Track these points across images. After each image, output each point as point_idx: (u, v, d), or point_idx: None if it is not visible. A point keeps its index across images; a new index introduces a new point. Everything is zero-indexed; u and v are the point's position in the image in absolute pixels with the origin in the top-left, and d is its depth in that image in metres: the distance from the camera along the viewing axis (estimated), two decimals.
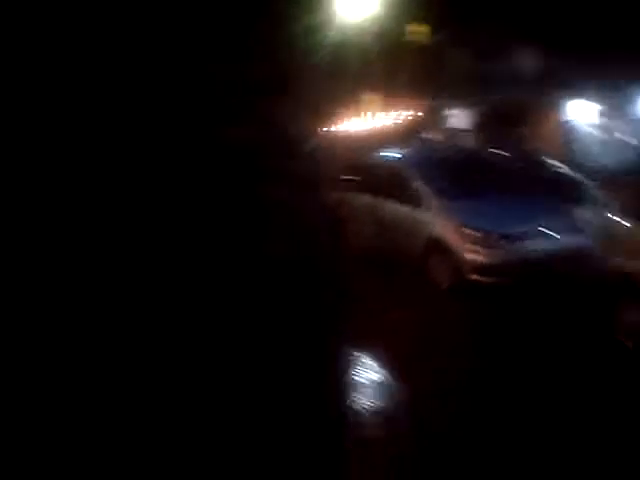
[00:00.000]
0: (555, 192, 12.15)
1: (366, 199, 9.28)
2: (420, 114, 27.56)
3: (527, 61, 24.07)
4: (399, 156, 9.66)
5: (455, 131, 27.86)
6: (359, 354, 5.77)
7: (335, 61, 26.31)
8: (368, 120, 26.69)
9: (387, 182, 8.98)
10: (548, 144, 21.57)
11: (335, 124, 28.17)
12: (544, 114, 22.99)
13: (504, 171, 10.36)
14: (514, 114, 24.02)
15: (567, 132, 22.54)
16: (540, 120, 23.18)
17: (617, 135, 20.60)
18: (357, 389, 5.08)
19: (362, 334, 6.10)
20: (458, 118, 28.62)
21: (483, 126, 26.03)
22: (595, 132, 21.81)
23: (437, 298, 7.55)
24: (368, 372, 5.47)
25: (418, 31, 28.29)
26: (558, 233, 7.53)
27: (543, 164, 17.36)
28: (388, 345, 6.02)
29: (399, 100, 27.40)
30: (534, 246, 7.35)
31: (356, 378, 5.32)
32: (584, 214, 7.45)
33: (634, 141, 19.37)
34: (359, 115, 27.51)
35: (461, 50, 26.53)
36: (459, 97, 26.95)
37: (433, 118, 28.50)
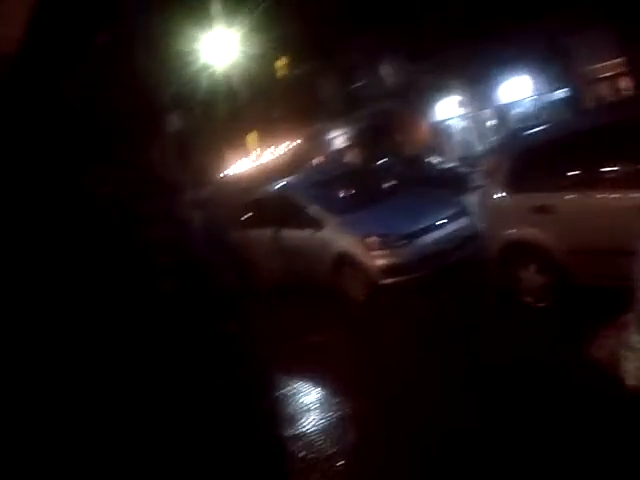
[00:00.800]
0: (441, 186, 12.90)
1: (268, 233, 9.47)
2: (301, 142, 28.27)
3: (392, 73, 25.37)
4: (291, 185, 9.93)
5: (338, 151, 28.78)
6: (286, 380, 5.87)
7: (214, 107, 26.51)
8: (257, 157, 27.02)
9: (283, 212, 9.21)
10: (425, 144, 22.73)
11: (228, 168, 28.38)
12: (416, 118, 24.18)
13: (389, 178, 10.91)
14: (389, 124, 25.16)
15: (441, 130, 23.81)
16: (413, 125, 24.35)
17: (485, 122, 21.98)
18: (289, 413, 5.16)
19: (286, 361, 6.22)
20: (339, 139, 29.60)
21: (363, 141, 27.09)
22: (465, 123, 23.16)
23: (356, 312, 7.79)
24: (299, 395, 5.57)
25: (284, 65, 29.17)
26: (450, 222, 8.03)
27: (425, 164, 18.34)
28: (315, 367, 6.17)
29: (282, 133, 28.01)
30: (431, 239, 7.77)
31: (286, 402, 5.42)
32: (471, 199, 8.08)
33: (498, 123, 20.73)
34: (248, 154, 27.86)
35: (330, 75, 27.59)
36: (336, 119, 27.90)
37: (316, 143, 29.33)
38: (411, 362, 5.50)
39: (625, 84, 17.16)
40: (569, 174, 5.46)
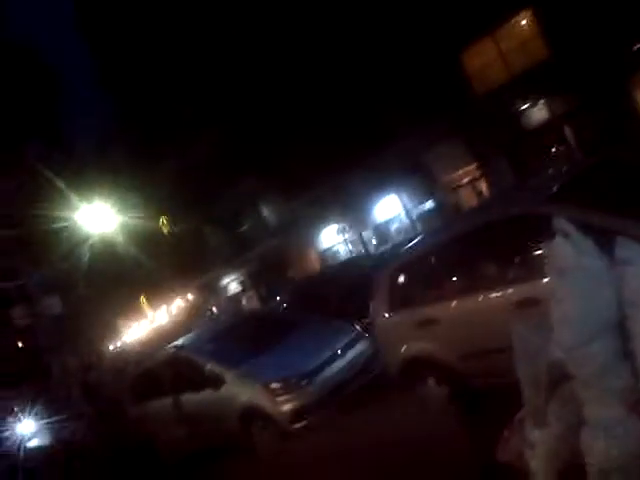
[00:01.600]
0: (333, 314, 12.92)
1: (167, 402, 8.93)
2: (194, 296, 27.98)
3: (273, 212, 26.18)
4: (184, 344, 9.58)
5: (233, 297, 28.64)
6: None
7: (101, 277, 25.75)
8: (152, 319, 26.30)
9: (180, 376, 8.79)
10: (315, 272, 23.12)
11: (123, 336, 27.28)
12: (303, 251, 24.74)
13: (284, 316, 10.83)
14: (278, 261, 25.56)
15: (328, 257, 24.41)
16: (301, 257, 24.87)
17: (368, 241, 22.78)
18: None
19: None
20: (232, 284, 29.57)
21: (256, 282, 27.20)
22: (350, 247, 23.88)
23: (270, 466, 7.33)
24: None
25: (167, 221, 29.38)
26: (349, 349, 7.95)
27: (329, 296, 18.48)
28: None
29: (175, 289, 27.63)
30: (333, 371, 7.62)
31: None
32: (360, 324, 8.19)
33: (379, 241, 21.56)
34: (140, 320, 27.03)
35: (214, 223, 28.03)
36: (226, 265, 28.03)
37: (210, 293, 29.09)
38: None
39: (482, 187, 18.67)
40: (445, 282, 5.63)
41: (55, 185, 18.56)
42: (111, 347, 24.68)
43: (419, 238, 7.17)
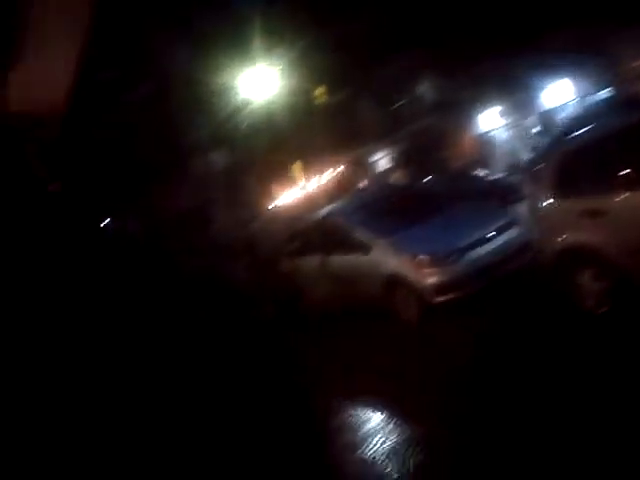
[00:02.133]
0: (489, 198, 12.67)
1: (316, 260, 9.48)
2: (345, 168, 28.40)
3: (431, 90, 25.31)
4: (336, 211, 9.93)
5: (383, 173, 28.73)
6: (346, 405, 5.79)
7: (257, 142, 26.97)
8: (303, 187, 27.25)
9: (330, 239, 9.21)
10: (470, 158, 22.46)
11: (275, 200, 28.72)
12: (459, 133, 23.95)
13: (436, 195, 10.76)
14: (432, 142, 25.00)
15: (485, 142, 23.50)
16: (457, 139, 24.13)
17: (530, 129, 21.60)
18: (351, 438, 5.08)
19: (344, 386, 6.13)
20: (383, 161, 29.58)
21: (407, 161, 26.96)
22: (510, 133, 22.80)
23: (411, 334, 7.66)
24: (361, 420, 5.48)
25: (323, 93, 29.50)
26: (501, 234, 7.85)
27: (471, 177, 18.08)
28: (373, 392, 6.08)
29: (326, 160, 28.20)
30: (482, 252, 7.60)
31: (348, 427, 5.34)
32: (521, 209, 7.93)
33: (543, 129, 20.30)
34: (294, 185, 28.12)
35: (369, 98, 27.73)
36: (378, 141, 27.93)
37: (360, 167, 29.39)
38: (475, 382, 5.34)
39: None
40: (618, 174, 5.25)
41: (221, 50, 19.12)
42: (267, 207, 26.15)
43: (591, 126, 6.67)
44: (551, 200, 5.89)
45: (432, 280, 7.51)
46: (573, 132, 6.48)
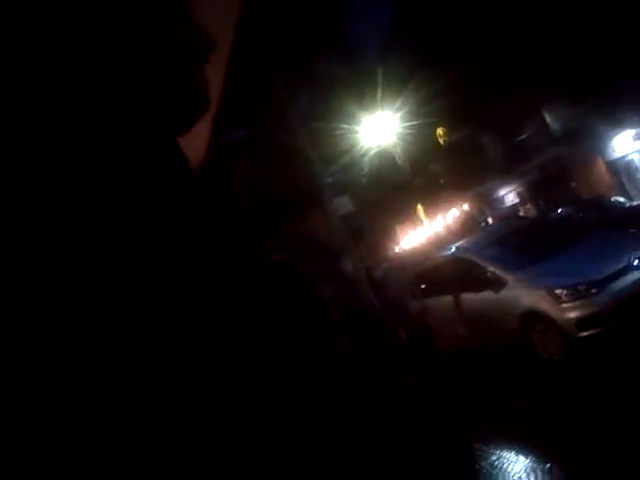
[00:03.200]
0: (631, 225, 11.86)
1: (446, 300, 9.28)
2: (470, 206, 27.84)
3: (557, 118, 24.41)
4: (465, 247, 9.74)
5: (510, 208, 27.82)
6: (490, 447, 5.52)
7: (382, 185, 27.32)
8: (428, 227, 27.03)
9: (460, 276, 9.01)
10: (605, 185, 21.23)
11: (401, 241, 28.73)
12: (589, 160, 22.77)
13: (570, 225, 10.26)
14: (560, 172, 23.94)
15: (621, 167, 22.14)
16: (587, 167, 22.95)
17: None
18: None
19: (485, 427, 5.86)
20: (509, 195, 28.69)
21: (535, 194, 25.96)
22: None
23: (556, 370, 7.23)
24: (507, 463, 5.20)
25: (444, 132, 29.43)
26: None
27: (608, 204, 17.02)
28: (517, 433, 5.76)
29: (451, 198, 27.89)
30: (628, 281, 7.09)
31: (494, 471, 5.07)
32: None
33: None
34: (419, 225, 28.02)
35: (492, 133, 27.24)
36: (503, 176, 27.22)
37: (486, 203, 28.68)
38: (616, 425, 4.92)
39: None
40: None
41: (342, 98, 19.74)
42: (392, 250, 26.20)
43: None
44: None
45: (574, 314, 7.09)
46: None
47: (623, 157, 22.13)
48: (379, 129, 23.10)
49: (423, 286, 10.32)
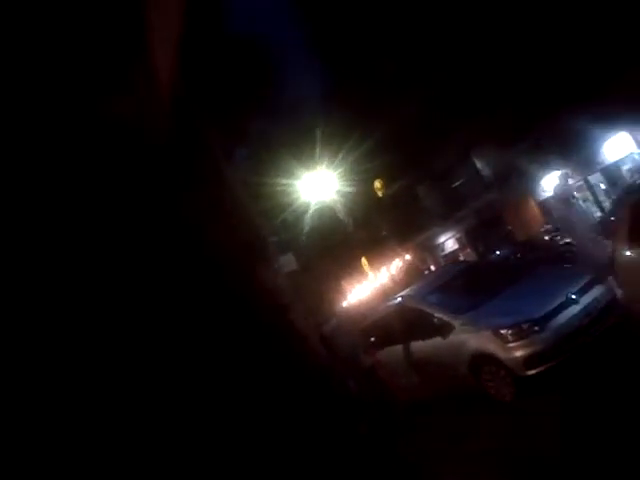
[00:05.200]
0: (565, 260, 12.26)
1: (397, 350, 9.26)
2: (412, 255, 28.30)
3: (488, 163, 25.36)
4: (410, 296, 9.81)
5: (451, 254, 28.44)
6: None
7: (325, 241, 27.33)
8: (374, 279, 27.23)
9: (408, 325, 9.04)
10: (538, 225, 22.01)
11: (348, 296, 28.75)
12: (522, 202, 23.63)
13: (509, 266, 10.53)
14: (496, 215, 24.74)
15: (551, 205, 23.01)
16: (521, 209, 23.78)
17: (596, 186, 21.12)
18: None
19: (449, 473, 5.78)
20: (449, 242, 29.36)
21: (473, 238, 26.68)
22: (575, 193, 22.29)
23: (509, 412, 7.24)
24: None
25: (381, 185, 30.09)
26: (583, 294, 7.50)
27: (542, 244, 17.62)
28: (481, 477, 5.70)
29: (393, 249, 28.29)
30: (567, 317, 7.26)
31: None
32: (601, 265, 7.62)
33: (610, 184, 19.79)
34: (365, 279, 28.19)
35: (428, 182, 28.02)
36: (442, 223, 27.89)
37: (427, 252, 29.23)
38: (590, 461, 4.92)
39: None
40: None
41: (281, 155, 20.01)
42: (340, 305, 26.17)
43: None
44: (629, 251, 5.64)
45: (520, 353, 7.17)
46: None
47: (554, 196, 23.07)
48: (319, 186, 23.42)
49: (373, 338, 10.28)
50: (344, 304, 26.62)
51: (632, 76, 16.47)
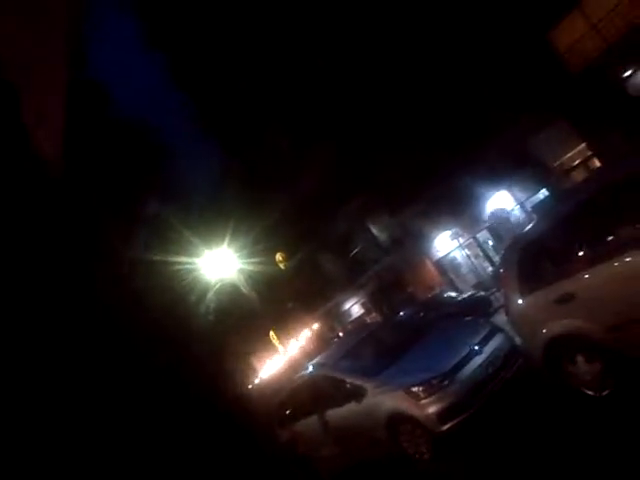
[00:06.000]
0: (465, 314, 12.76)
1: (313, 420, 9.14)
2: (320, 324, 28.45)
3: (383, 229, 26.26)
4: (321, 364, 9.78)
5: (357, 319, 28.82)
6: None
7: (229, 317, 26.84)
8: (284, 352, 26.93)
9: (322, 394, 8.98)
10: (437, 283, 22.88)
11: (258, 373, 28.18)
12: (419, 263, 24.53)
13: (413, 325, 10.80)
14: (396, 277, 25.50)
15: (447, 264, 24.03)
16: (419, 269, 24.65)
17: (485, 242, 22.29)
18: None
19: None
20: (354, 307, 29.79)
21: (377, 301, 27.26)
22: (467, 250, 23.45)
23: (426, 470, 7.29)
24: None
25: (282, 257, 30.27)
26: (486, 344, 7.81)
27: (441, 301, 18.29)
28: None
29: (301, 320, 28.26)
30: (474, 367, 7.50)
31: None
32: (498, 317, 8.01)
33: (496, 239, 20.99)
34: (275, 352, 27.83)
35: (328, 251, 28.54)
36: (346, 289, 28.32)
37: (334, 319, 29.46)
38: None
39: (596, 165, 17.78)
40: (575, 254, 5.42)
41: (179, 235, 19.80)
42: (250, 382, 25.57)
43: (538, 220, 6.95)
44: (521, 299, 5.98)
45: (433, 409, 7.28)
46: (522, 232, 6.77)
47: (446, 255, 24.17)
48: (220, 264, 23.24)
49: (288, 411, 10.10)
50: (256, 381, 26.09)
51: (508, 135, 17.95)
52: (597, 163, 17.73)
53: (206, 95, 28.35)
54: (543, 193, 19.37)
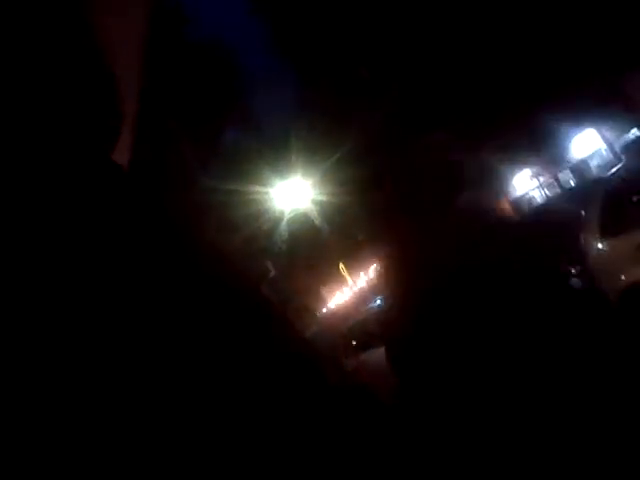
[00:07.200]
0: None
1: (379, 352, 9.30)
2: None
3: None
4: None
5: None
6: None
7: (302, 248, 27.37)
8: (352, 284, 27.36)
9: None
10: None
11: (327, 302, 28.77)
12: (494, 202, 23.88)
13: None
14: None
15: (524, 203, 23.35)
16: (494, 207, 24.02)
17: (567, 182, 21.47)
18: None
19: None
20: None
21: None
22: (546, 190, 22.67)
23: None
24: None
25: (343, 190, 30.18)
26: None
27: None
28: None
29: (370, 253, 28.39)
30: None
31: None
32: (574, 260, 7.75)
33: (579, 180, 20.15)
34: (343, 284, 28.27)
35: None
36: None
37: None
38: None
39: None
40: None
41: (254, 164, 20.07)
42: (319, 311, 26.23)
43: (627, 158, 6.56)
44: (601, 243, 5.75)
45: None
46: (608, 174, 6.44)
47: (524, 194, 23.44)
48: (293, 194, 23.50)
49: (354, 342, 10.31)
50: (324, 310, 26.69)
51: (596, 72, 16.89)
52: None
53: (284, 19, 27.87)
54: (634, 133, 18.25)
